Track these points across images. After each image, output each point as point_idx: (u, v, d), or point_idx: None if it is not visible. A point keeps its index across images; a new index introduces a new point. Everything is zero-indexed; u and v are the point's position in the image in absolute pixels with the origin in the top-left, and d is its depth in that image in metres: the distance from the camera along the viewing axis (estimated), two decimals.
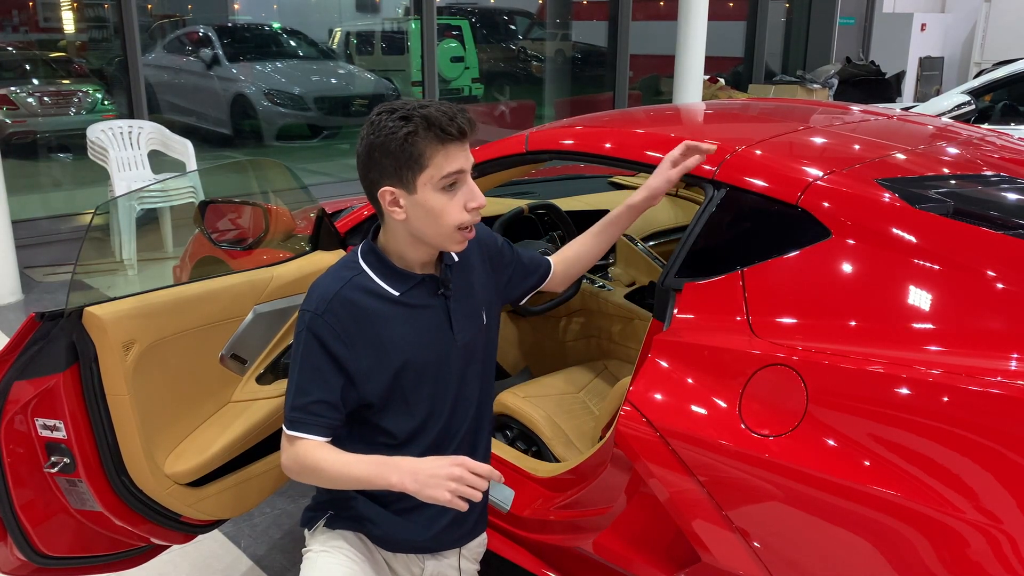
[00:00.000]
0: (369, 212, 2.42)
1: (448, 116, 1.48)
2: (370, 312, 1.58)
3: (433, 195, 1.51)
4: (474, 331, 1.69)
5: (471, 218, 1.54)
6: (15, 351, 1.69)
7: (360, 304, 1.58)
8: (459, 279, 1.68)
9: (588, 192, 3.67)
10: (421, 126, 1.47)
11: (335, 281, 1.60)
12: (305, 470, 1.57)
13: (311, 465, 1.56)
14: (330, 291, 1.58)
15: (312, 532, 1.74)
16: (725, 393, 1.58)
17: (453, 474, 1.42)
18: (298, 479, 1.61)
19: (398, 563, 1.74)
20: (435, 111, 1.48)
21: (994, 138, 2.37)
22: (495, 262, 1.81)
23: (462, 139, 1.50)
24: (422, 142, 1.48)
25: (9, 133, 6.88)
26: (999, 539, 1.29)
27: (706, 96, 9.38)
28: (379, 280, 1.60)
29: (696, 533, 1.61)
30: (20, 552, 1.82)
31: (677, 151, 1.83)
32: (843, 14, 12.07)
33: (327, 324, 1.55)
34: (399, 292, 1.60)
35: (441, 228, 1.54)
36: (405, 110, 1.50)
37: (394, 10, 9.99)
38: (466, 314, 1.68)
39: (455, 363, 1.66)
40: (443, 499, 1.41)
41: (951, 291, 1.54)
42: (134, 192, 5.46)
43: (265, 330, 2.10)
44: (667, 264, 1.82)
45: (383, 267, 1.61)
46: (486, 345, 1.74)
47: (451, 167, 1.50)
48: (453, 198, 1.52)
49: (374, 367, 1.58)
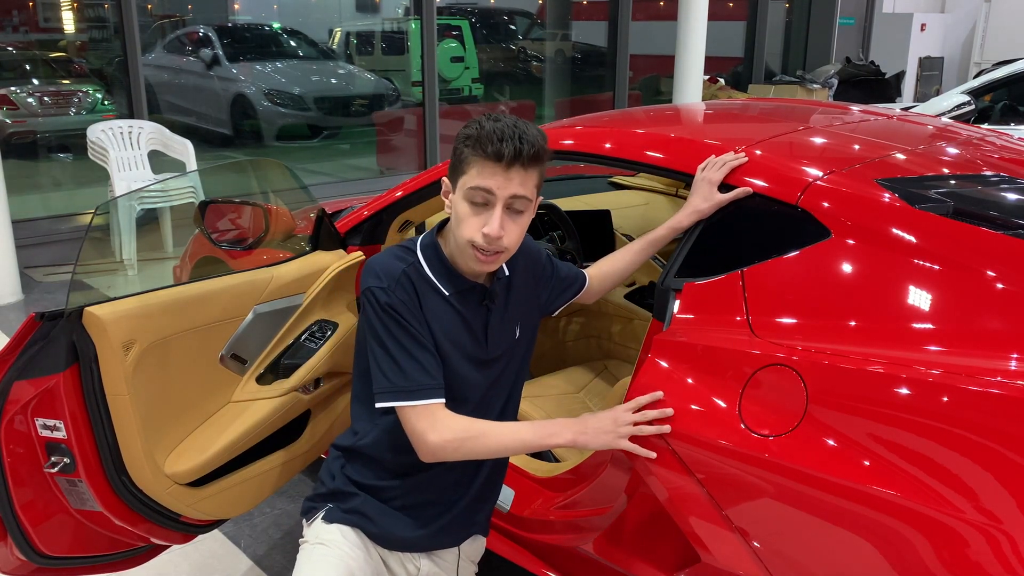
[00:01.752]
0: (369, 212, 2.42)
1: (498, 137, 1.48)
2: (425, 301, 1.60)
3: (461, 201, 1.55)
4: (505, 346, 1.71)
5: (483, 242, 1.53)
6: (15, 351, 1.69)
7: (419, 290, 1.60)
8: (505, 294, 1.71)
9: (588, 192, 3.67)
10: (475, 135, 1.51)
11: (397, 261, 1.61)
12: (469, 436, 1.55)
13: (476, 431, 1.56)
14: (395, 269, 1.59)
15: (310, 523, 1.75)
16: (725, 393, 1.58)
17: (618, 419, 1.57)
18: (453, 452, 1.57)
19: (394, 560, 1.74)
20: (492, 128, 1.50)
21: (994, 138, 2.37)
22: (539, 277, 1.83)
23: (500, 163, 1.49)
24: (469, 149, 1.52)
25: (9, 133, 6.88)
26: (999, 539, 1.29)
27: (706, 96, 9.38)
28: (433, 276, 1.62)
29: (696, 533, 1.61)
30: (20, 552, 1.82)
31: (716, 173, 1.82)
32: (843, 14, 12.07)
33: (399, 298, 1.56)
34: (449, 292, 1.62)
35: (459, 237, 1.56)
36: (485, 118, 1.53)
37: (394, 10, 9.99)
38: (502, 328, 1.70)
39: (483, 372, 1.67)
40: (619, 446, 1.57)
41: (951, 291, 1.54)
42: (134, 192, 5.46)
43: (265, 330, 2.10)
44: (667, 264, 1.82)
45: (440, 264, 1.63)
46: (516, 358, 1.76)
47: (480, 182, 1.51)
48: (477, 215, 1.53)
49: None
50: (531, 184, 1.54)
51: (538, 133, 1.53)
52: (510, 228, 1.54)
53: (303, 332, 2.18)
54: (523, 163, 1.50)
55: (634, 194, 3.74)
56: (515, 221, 1.55)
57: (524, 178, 1.52)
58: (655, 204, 3.68)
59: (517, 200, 1.53)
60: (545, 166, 1.58)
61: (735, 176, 1.82)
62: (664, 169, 2.03)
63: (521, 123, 1.52)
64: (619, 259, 2.00)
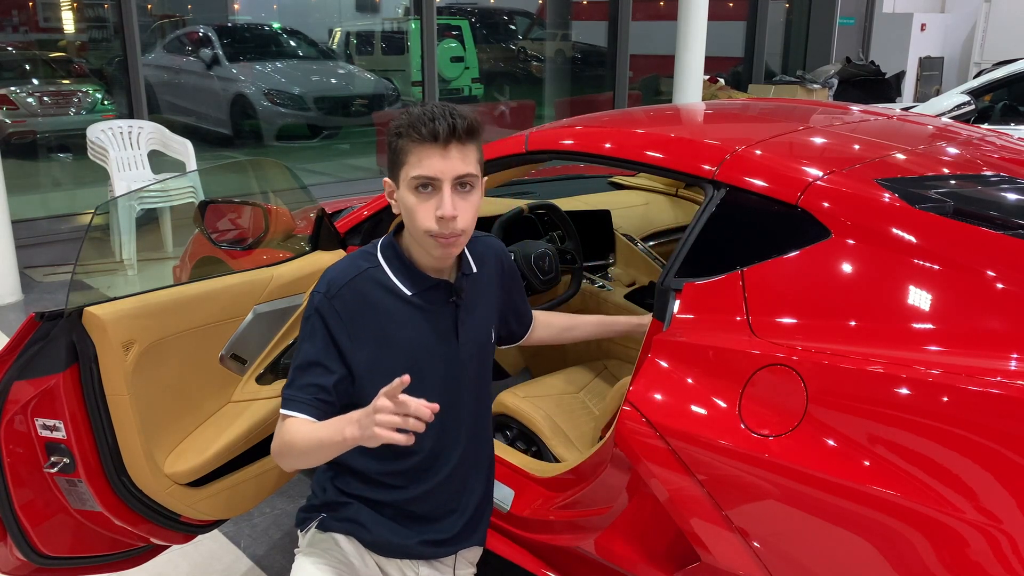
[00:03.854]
0: (369, 212, 2.42)
1: (429, 117, 1.47)
2: (379, 307, 1.58)
3: (407, 194, 1.52)
4: (479, 343, 1.70)
5: (439, 227, 1.51)
6: (15, 351, 1.69)
7: (371, 297, 1.58)
8: (472, 290, 1.69)
9: (588, 192, 3.67)
10: (406, 122, 1.49)
11: (350, 268, 1.60)
12: (283, 446, 1.53)
13: (288, 440, 1.51)
14: (344, 277, 1.58)
15: (304, 533, 1.74)
16: (725, 393, 1.58)
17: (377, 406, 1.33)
18: (280, 461, 1.57)
19: (392, 567, 1.73)
20: (421, 111, 1.49)
21: (994, 138, 2.37)
22: (507, 287, 1.83)
23: (436, 143, 1.47)
24: (403, 139, 1.50)
25: (9, 133, 6.88)
26: (999, 539, 1.29)
27: (706, 96, 9.37)
28: (393, 277, 1.60)
29: (696, 533, 1.61)
30: (20, 552, 1.82)
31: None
32: (843, 14, 12.07)
33: (334, 309, 1.55)
34: (411, 292, 1.60)
35: (415, 230, 1.54)
36: (411, 107, 1.52)
37: (394, 10, 9.99)
38: (473, 325, 1.69)
39: (455, 371, 1.66)
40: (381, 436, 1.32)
41: (951, 291, 1.54)
42: (134, 192, 5.46)
43: (265, 330, 2.10)
44: (667, 264, 1.82)
45: (400, 264, 1.61)
46: (487, 359, 1.75)
47: (421, 170, 1.49)
48: (426, 201, 1.51)
49: (373, 364, 1.57)
50: (472, 160, 1.52)
51: (468, 111, 1.52)
52: (462, 207, 1.51)
53: None
54: (459, 138, 1.49)
55: (634, 194, 3.74)
56: (465, 199, 1.52)
57: (464, 154, 1.50)
58: (655, 204, 3.67)
59: (463, 179, 1.51)
60: (481, 142, 1.56)
61: (729, 172, 1.82)
62: (664, 169, 2.03)
63: (448, 105, 1.52)
64: (566, 318, 2.08)
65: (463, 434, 1.70)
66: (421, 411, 1.30)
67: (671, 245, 1.95)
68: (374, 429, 1.32)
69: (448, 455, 1.68)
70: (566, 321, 2.08)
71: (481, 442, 1.77)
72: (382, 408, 1.32)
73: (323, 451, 1.49)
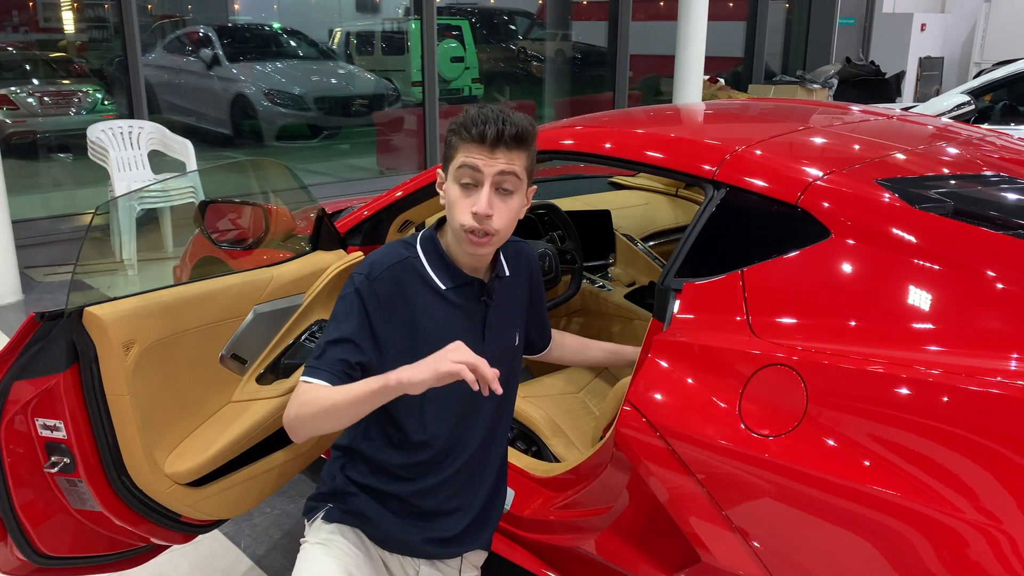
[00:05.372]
0: (369, 212, 2.42)
1: (482, 120, 1.51)
2: (414, 296, 1.61)
3: (452, 186, 1.57)
4: (504, 346, 1.72)
5: (473, 223, 1.54)
6: (15, 351, 1.69)
7: (408, 285, 1.61)
8: (503, 293, 1.71)
9: (588, 192, 3.67)
10: (461, 121, 1.54)
11: (392, 254, 1.63)
12: (302, 407, 1.51)
13: (309, 399, 1.50)
14: (386, 262, 1.61)
15: (311, 523, 1.76)
16: (725, 393, 1.58)
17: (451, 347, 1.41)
18: (297, 425, 1.54)
19: (395, 563, 1.75)
20: (476, 113, 1.53)
21: (994, 138, 2.37)
22: (534, 296, 1.86)
23: (484, 144, 1.51)
24: (455, 136, 1.55)
25: (9, 133, 6.87)
26: (999, 539, 1.29)
27: (706, 96, 9.38)
28: (430, 269, 1.63)
29: (696, 533, 1.61)
30: (20, 552, 1.82)
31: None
32: (843, 14, 12.07)
33: (373, 291, 1.58)
34: (446, 287, 1.63)
35: (453, 224, 1.58)
36: (471, 107, 1.57)
37: (394, 10, 9.98)
38: (501, 327, 1.71)
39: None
40: (449, 369, 1.38)
41: (951, 291, 1.54)
42: (134, 192, 5.46)
43: (265, 330, 2.10)
44: (667, 264, 1.82)
45: (438, 257, 1.64)
46: (515, 361, 1.77)
47: (466, 159, 1.53)
48: (467, 197, 1.55)
49: (402, 350, 1.58)
50: (518, 163, 1.54)
51: (524, 118, 1.55)
52: (499, 208, 1.54)
53: (303, 332, 2.18)
54: (507, 144, 1.52)
55: (634, 194, 3.74)
56: (504, 202, 1.55)
57: (510, 159, 1.53)
58: (655, 204, 3.68)
59: (505, 178, 1.54)
60: (534, 152, 1.59)
61: (729, 172, 1.82)
62: (664, 169, 2.03)
63: (507, 110, 1.54)
64: (578, 341, 2.11)
65: (478, 434, 1.71)
66: (487, 372, 1.38)
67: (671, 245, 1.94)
68: (448, 364, 1.38)
69: (460, 452, 1.70)
70: (578, 344, 2.12)
71: (494, 444, 1.78)
72: (459, 348, 1.40)
73: (352, 408, 1.48)
